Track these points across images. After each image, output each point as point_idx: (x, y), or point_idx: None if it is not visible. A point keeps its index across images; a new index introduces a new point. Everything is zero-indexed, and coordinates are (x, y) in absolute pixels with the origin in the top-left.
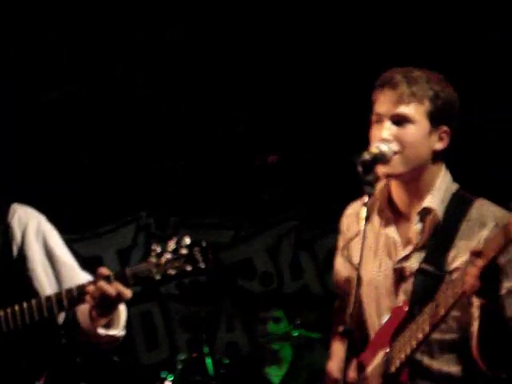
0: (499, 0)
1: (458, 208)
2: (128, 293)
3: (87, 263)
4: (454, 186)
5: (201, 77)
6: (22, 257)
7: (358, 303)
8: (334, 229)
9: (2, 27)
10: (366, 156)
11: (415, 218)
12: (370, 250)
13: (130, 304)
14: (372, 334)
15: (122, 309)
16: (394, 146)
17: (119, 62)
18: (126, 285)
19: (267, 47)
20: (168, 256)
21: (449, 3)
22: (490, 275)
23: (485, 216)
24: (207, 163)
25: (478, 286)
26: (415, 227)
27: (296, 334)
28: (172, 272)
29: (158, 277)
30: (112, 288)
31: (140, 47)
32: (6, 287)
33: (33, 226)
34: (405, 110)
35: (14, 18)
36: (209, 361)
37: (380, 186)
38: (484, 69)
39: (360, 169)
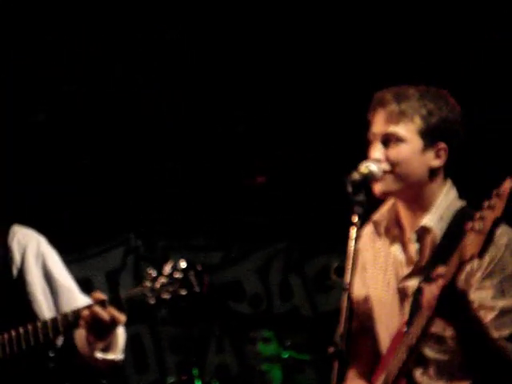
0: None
1: (459, 226)
2: (122, 318)
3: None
4: (459, 203)
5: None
6: (22, 280)
7: (372, 323)
8: (323, 250)
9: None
10: (356, 176)
11: (413, 236)
12: (381, 269)
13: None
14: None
15: (121, 332)
16: (385, 166)
17: (119, 63)
18: (121, 309)
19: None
20: (163, 280)
21: (449, 4)
22: (449, 297)
23: None
24: (196, 185)
25: (434, 306)
26: (413, 246)
27: (286, 355)
28: (166, 296)
29: (152, 301)
30: (106, 313)
31: (140, 47)
32: (6, 310)
33: (32, 249)
34: (394, 129)
35: (13, 17)
36: (198, 383)
37: (388, 205)
38: (484, 69)
39: (350, 189)
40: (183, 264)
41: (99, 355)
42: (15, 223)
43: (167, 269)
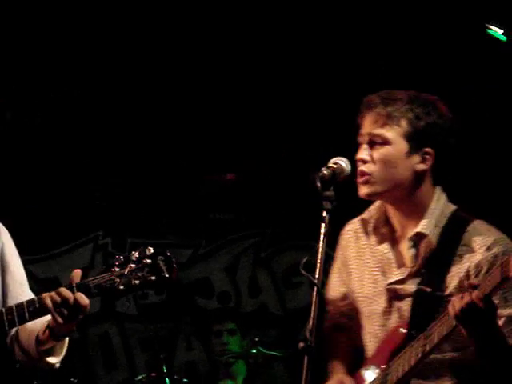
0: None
1: (454, 231)
2: (87, 302)
3: (44, 284)
4: (451, 208)
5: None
6: None
7: (357, 319)
8: (291, 246)
9: None
10: (325, 171)
11: (408, 242)
12: (367, 266)
13: (87, 325)
14: (368, 350)
15: (66, 341)
16: (367, 167)
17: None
18: (89, 295)
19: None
20: (132, 265)
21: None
22: (481, 309)
23: (476, 241)
24: (165, 182)
25: (461, 316)
26: (409, 252)
27: (254, 351)
28: (136, 282)
29: (121, 287)
30: (73, 296)
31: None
32: None
33: None
34: (380, 131)
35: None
36: (167, 381)
37: (376, 204)
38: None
39: (319, 184)
40: (151, 250)
41: (43, 356)
42: None
43: (136, 254)
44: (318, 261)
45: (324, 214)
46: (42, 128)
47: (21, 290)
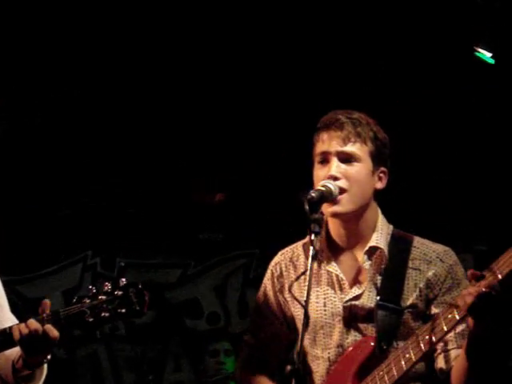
0: None
1: (400, 247)
2: (57, 334)
3: (33, 304)
4: (391, 226)
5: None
6: None
7: (277, 348)
8: None
9: None
10: (313, 194)
11: (362, 256)
12: (312, 289)
13: (75, 345)
14: (317, 372)
15: (45, 367)
16: (342, 183)
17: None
18: (59, 326)
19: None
20: (102, 297)
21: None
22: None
23: (428, 254)
24: (154, 203)
25: (474, 305)
26: (364, 266)
27: None
28: (106, 314)
29: (90, 319)
30: (42, 328)
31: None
32: None
33: None
34: (352, 148)
35: None
36: None
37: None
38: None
39: (307, 207)
40: (124, 281)
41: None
42: None
43: (108, 286)
44: (307, 283)
45: (312, 236)
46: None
47: (1, 314)
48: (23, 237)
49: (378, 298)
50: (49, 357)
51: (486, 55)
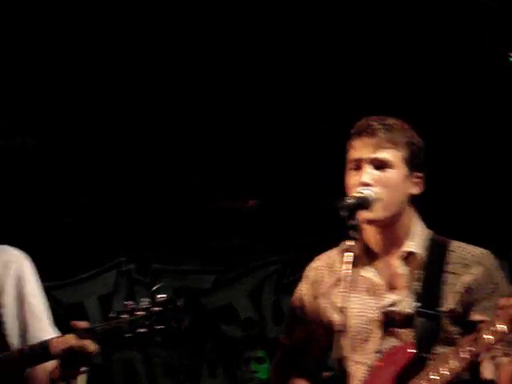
0: None
1: (437, 252)
2: (94, 350)
3: (69, 310)
4: (429, 231)
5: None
6: None
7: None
8: None
9: None
10: (349, 200)
11: (398, 262)
12: (349, 296)
13: (111, 351)
14: (355, 377)
15: (84, 378)
16: (376, 190)
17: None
18: (96, 341)
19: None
20: (139, 313)
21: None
22: None
23: (466, 257)
24: (188, 209)
25: None
26: (401, 272)
27: None
28: (142, 330)
29: (127, 335)
30: (79, 343)
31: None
32: None
33: (15, 270)
34: (385, 155)
35: None
36: None
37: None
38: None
39: (343, 213)
40: (162, 298)
41: None
42: (4, 244)
43: (145, 302)
44: (344, 289)
45: (350, 242)
46: (64, 153)
47: (40, 326)
48: (59, 242)
49: (416, 303)
50: (86, 368)
51: None
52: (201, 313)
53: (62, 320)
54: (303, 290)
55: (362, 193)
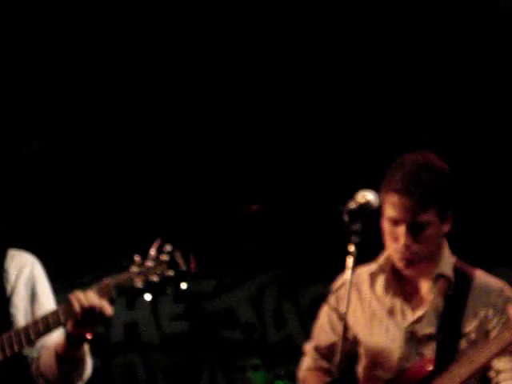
0: None
1: (462, 277)
2: (110, 312)
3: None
4: (454, 257)
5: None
6: (11, 302)
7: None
8: (317, 278)
9: None
10: (352, 205)
11: (428, 282)
12: (375, 316)
13: (111, 354)
14: None
15: (89, 362)
16: (416, 249)
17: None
18: (109, 296)
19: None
20: (149, 264)
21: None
22: None
23: (488, 285)
24: (188, 212)
25: None
26: (428, 291)
27: None
28: (154, 278)
29: (139, 285)
30: (99, 303)
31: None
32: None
33: (26, 271)
34: (424, 217)
35: None
36: None
37: (385, 255)
38: None
39: (346, 218)
40: (168, 247)
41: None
42: (13, 248)
43: (153, 253)
44: (346, 294)
45: (351, 247)
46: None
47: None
48: (62, 245)
49: (439, 322)
50: (90, 337)
51: None
52: (201, 317)
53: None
54: (331, 304)
55: (365, 197)
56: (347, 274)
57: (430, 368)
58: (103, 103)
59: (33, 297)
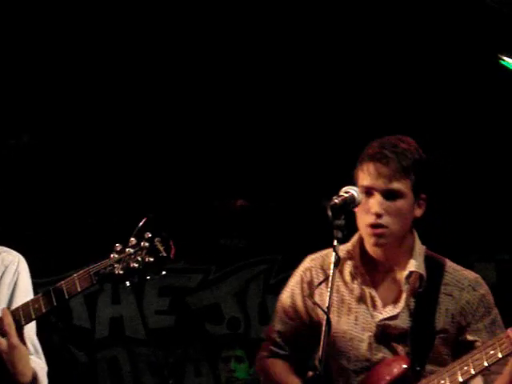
0: None
1: (433, 271)
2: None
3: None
4: (423, 247)
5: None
6: None
7: (326, 352)
8: None
9: None
10: (336, 200)
11: (401, 279)
12: (343, 302)
13: (96, 349)
14: (339, 382)
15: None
16: (385, 220)
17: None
18: (90, 283)
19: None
20: (129, 250)
21: None
22: None
23: (461, 281)
24: (174, 208)
25: None
26: (401, 289)
27: None
28: (135, 265)
29: (120, 271)
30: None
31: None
32: None
33: (12, 267)
34: (398, 185)
35: None
36: None
37: (354, 239)
38: None
39: (329, 213)
40: (149, 234)
41: None
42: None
43: (133, 240)
44: (329, 290)
45: (335, 242)
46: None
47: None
48: (46, 241)
49: (412, 320)
50: None
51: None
52: (186, 312)
53: (46, 318)
54: (295, 288)
55: (348, 192)
56: (330, 269)
57: (405, 366)
58: (92, 97)
59: (14, 290)
